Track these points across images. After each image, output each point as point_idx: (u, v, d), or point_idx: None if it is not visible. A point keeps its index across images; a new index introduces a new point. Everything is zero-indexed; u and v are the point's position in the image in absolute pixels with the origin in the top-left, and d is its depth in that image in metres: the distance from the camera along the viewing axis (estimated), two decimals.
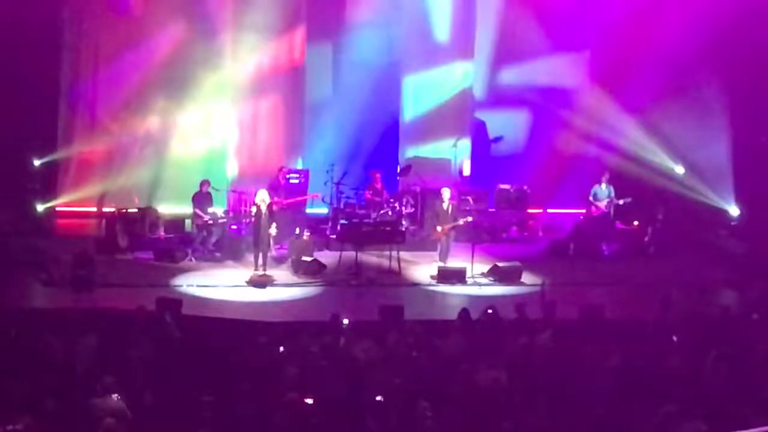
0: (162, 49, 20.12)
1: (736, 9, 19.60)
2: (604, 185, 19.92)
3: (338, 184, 19.73)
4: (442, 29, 21.13)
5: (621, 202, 19.83)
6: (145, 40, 20.13)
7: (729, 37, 19.87)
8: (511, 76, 21.91)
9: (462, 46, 21.29)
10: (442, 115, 21.25)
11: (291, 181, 19.82)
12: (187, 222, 19.34)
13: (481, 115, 21.83)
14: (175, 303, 14.13)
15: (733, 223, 20.45)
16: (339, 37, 21.34)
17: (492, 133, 22.05)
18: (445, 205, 18.31)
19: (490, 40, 21.63)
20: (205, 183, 18.68)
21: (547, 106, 21.70)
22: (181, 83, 20.07)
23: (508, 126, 22.07)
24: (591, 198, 19.94)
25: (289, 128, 20.90)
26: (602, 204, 19.82)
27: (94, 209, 19.83)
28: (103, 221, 19.21)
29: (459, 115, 21.41)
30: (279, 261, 18.17)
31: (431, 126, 21.30)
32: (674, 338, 13.11)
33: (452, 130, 21.35)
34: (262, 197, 17.30)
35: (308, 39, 20.80)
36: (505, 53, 21.72)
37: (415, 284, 17.56)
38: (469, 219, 18.36)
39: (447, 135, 21.32)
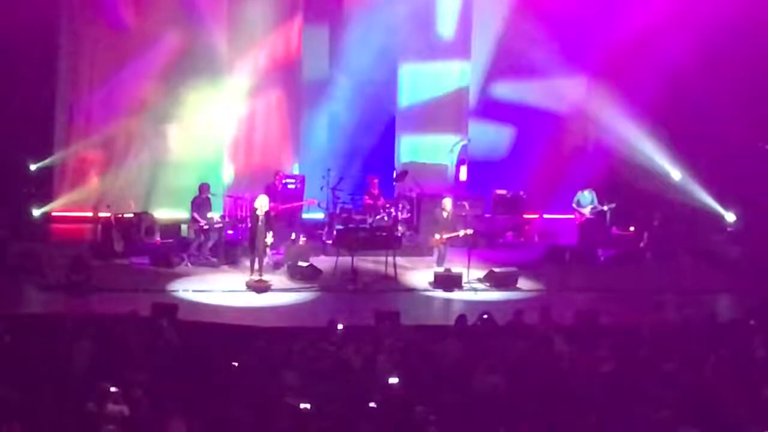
0: (158, 55, 20.08)
1: (734, 24, 19.65)
2: (587, 191, 19.78)
3: (334, 189, 19.73)
4: (442, 25, 21.07)
5: (605, 207, 19.69)
6: (140, 47, 20.10)
7: (726, 46, 19.90)
8: (504, 89, 21.82)
9: (461, 44, 21.24)
10: (438, 110, 21.14)
11: (287, 186, 19.81)
12: (184, 227, 19.32)
13: (472, 124, 21.68)
14: (171, 308, 14.14)
15: (729, 229, 20.45)
16: (336, 23, 21.20)
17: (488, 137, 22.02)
18: (445, 214, 18.20)
19: (487, 49, 21.56)
20: (204, 187, 18.58)
21: (538, 120, 21.66)
22: (177, 88, 20.02)
23: (502, 131, 22.02)
24: (574, 205, 19.87)
25: (284, 131, 20.86)
26: (586, 210, 19.75)
27: (90, 214, 19.78)
28: (99, 226, 19.14)
29: (455, 114, 21.33)
30: (275, 266, 18.14)
31: (428, 116, 21.18)
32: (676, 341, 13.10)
33: (449, 127, 21.25)
34: (261, 203, 17.29)
35: (305, 26, 20.75)
36: (501, 65, 21.62)
37: (411, 290, 17.52)
38: (470, 232, 18.07)
39: (443, 131, 21.23)
